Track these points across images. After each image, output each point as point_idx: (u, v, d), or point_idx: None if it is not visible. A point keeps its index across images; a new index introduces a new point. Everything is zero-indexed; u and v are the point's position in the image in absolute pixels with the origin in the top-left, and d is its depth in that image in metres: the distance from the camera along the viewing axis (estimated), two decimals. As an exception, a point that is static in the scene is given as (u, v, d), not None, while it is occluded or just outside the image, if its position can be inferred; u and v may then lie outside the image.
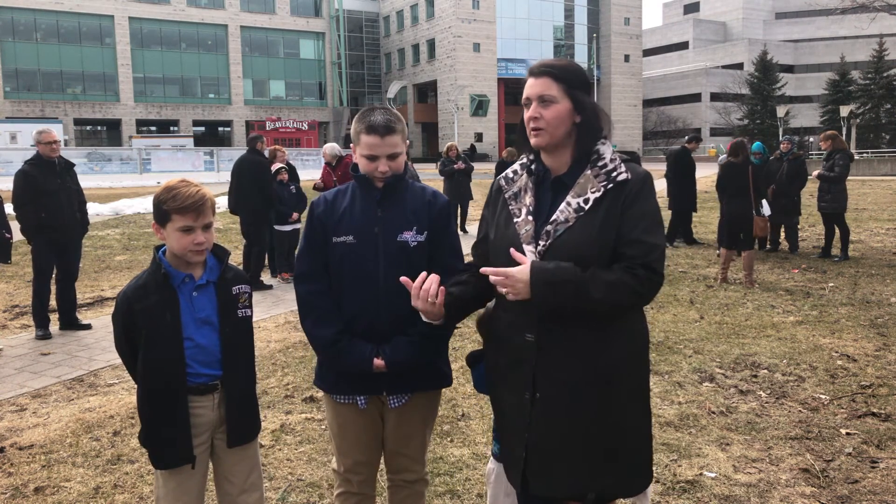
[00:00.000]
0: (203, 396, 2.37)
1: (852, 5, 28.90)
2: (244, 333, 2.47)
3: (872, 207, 17.86)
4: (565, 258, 1.95)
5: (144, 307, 2.31)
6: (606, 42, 68.09)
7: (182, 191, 2.28)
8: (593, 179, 2.01)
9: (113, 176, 35.65)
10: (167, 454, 2.34)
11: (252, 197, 8.82)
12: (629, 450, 2.06)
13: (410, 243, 2.40)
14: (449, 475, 3.62)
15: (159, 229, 2.33)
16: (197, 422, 2.36)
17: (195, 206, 2.27)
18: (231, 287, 2.43)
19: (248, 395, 2.49)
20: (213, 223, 2.36)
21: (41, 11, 54.30)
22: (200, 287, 2.37)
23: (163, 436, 2.33)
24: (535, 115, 2.02)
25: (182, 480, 2.37)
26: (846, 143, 11.34)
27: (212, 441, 2.44)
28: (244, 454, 2.47)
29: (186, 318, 2.33)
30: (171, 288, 2.34)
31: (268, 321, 7.11)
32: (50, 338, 6.45)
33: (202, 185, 2.35)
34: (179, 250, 2.31)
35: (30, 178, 6.29)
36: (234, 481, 2.45)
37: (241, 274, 2.54)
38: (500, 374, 2.15)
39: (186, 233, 2.28)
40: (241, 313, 2.44)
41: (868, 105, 57.84)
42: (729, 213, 8.67)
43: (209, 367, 2.37)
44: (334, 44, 65.45)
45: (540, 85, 2.04)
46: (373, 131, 2.36)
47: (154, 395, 2.33)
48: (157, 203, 2.31)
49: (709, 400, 4.68)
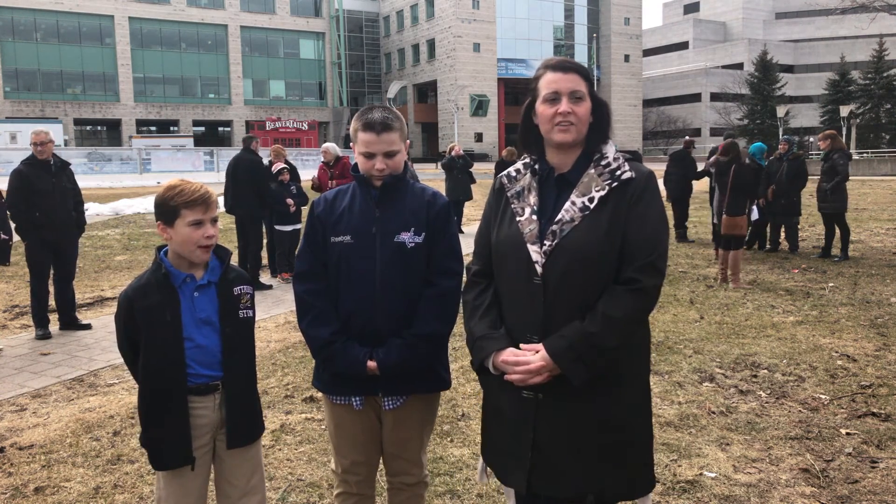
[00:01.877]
0: (204, 397, 2.36)
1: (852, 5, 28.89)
2: (245, 334, 2.46)
3: (872, 207, 17.86)
4: (572, 258, 1.95)
5: (145, 307, 2.31)
6: (606, 42, 68.09)
7: (187, 187, 2.30)
8: (597, 178, 2.01)
9: (113, 176, 35.67)
10: (166, 455, 2.33)
11: (248, 196, 8.85)
12: (632, 451, 2.06)
13: (408, 244, 2.39)
14: (449, 475, 3.62)
15: (165, 228, 2.32)
16: (197, 423, 2.35)
17: (203, 199, 2.28)
18: (233, 288, 2.42)
19: (249, 396, 2.48)
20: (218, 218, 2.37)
21: (41, 11, 54.31)
22: (202, 287, 2.36)
23: (162, 436, 2.32)
24: (569, 109, 2.00)
25: (183, 482, 2.36)
26: (844, 143, 11.35)
27: (213, 443, 2.43)
28: (245, 456, 2.45)
29: (187, 318, 2.33)
30: (172, 288, 2.33)
31: (268, 321, 7.11)
32: (50, 338, 6.45)
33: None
34: (189, 246, 2.30)
35: (24, 177, 6.33)
36: (235, 483, 2.44)
37: (243, 275, 2.53)
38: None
39: (197, 227, 2.28)
40: (242, 314, 2.42)
41: (868, 105, 57.84)
42: (717, 211, 8.77)
43: (210, 367, 2.36)
44: (334, 44, 65.46)
45: (570, 81, 2.02)
46: (370, 128, 2.36)
47: (154, 395, 2.32)
48: (162, 202, 2.30)
49: (709, 400, 4.68)
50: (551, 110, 2.01)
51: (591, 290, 1.96)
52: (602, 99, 2.09)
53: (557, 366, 1.93)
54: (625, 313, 1.92)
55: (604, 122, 2.07)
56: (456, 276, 2.44)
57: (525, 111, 2.12)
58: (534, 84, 2.09)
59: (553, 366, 1.94)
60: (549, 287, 1.98)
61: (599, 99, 2.07)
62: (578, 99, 2.01)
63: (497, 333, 2.06)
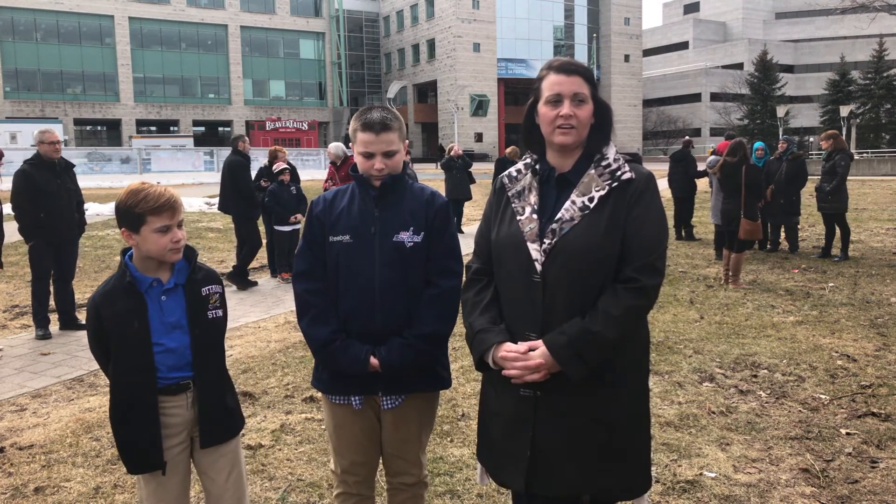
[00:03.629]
0: (175, 396, 2.34)
1: (852, 5, 28.87)
2: (215, 335, 2.43)
3: (872, 207, 17.86)
4: (571, 256, 1.96)
5: (112, 314, 2.28)
6: (606, 42, 68.08)
7: (151, 192, 2.24)
8: (597, 178, 2.02)
9: (113, 176, 35.64)
10: (138, 460, 2.33)
11: (232, 196, 8.91)
12: (630, 450, 2.06)
13: (406, 244, 2.40)
14: (449, 475, 3.62)
15: (131, 235, 2.26)
16: (171, 422, 2.34)
17: (169, 203, 2.24)
18: (201, 288, 2.39)
19: (221, 396, 2.44)
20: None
21: (41, 11, 54.30)
22: (168, 291, 2.33)
23: (133, 441, 2.32)
24: (571, 112, 2.00)
25: (161, 482, 2.36)
26: (846, 143, 11.33)
27: (190, 440, 2.42)
28: (222, 451, 2.45)
29: (155, 323, 2.30)
30: (139, 294, 2.29)
31: (268, 321, 7.11)
32: (50, 338, 6.44)
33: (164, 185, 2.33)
34: (158, 251, 2.26)
35: (29, 178, 6.29)
36: (214, 478, 2.44)
37: (212, 273, 2.49)
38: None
39: (164, 233, 2.24)
40: (211, 314, 2.40)
41: (868, 105, 57.81)
42: (722, 211, 8.72)
43: (180, 370, 2.34)
44: (334, 44, 65.45)
45: (573, 83, 2.02)
46: (368, 128, 2.36)
47: (124, 400, 2.31)
48: (126, 209, 2.24)
49: (709, 400, 4.68)
50: (553, 112, 2.02)
51: (590, 288, 1.97)
52: (605, 102, 2.10)
53: (556, 361, 1.94)
54: (624, 311, 1.93)
55: (605, 124, 2.08)
56: (455, 276, 2.44)
57: (527, 112, 2.13)
58: (537, 85, 2.09)
59: (552, 362, 1.95)
60: (548, 285, 1.99)
61: (602, 101, 2.08)
62: (581, 101, 2.02)
63: (497, 328, 2.07)
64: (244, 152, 9.16)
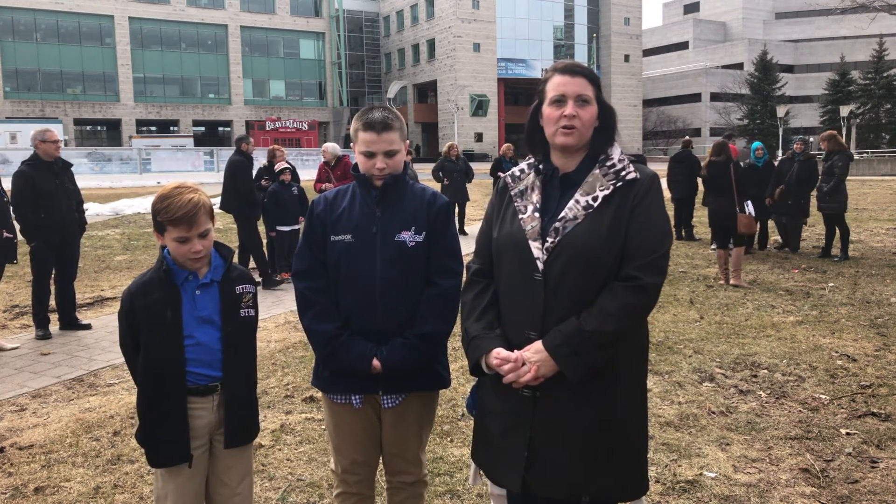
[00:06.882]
0: (202, 398, 2.36)
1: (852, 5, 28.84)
2: (246, 334, 2.45)
3: (872, 207, 17.86)
4: (574, 255, 1.96)
5: (146, 304, 2.31)
6: (606, 42, 68.05)
7: (174, 201, 2.24)
8: (602, 178, 2.02)
9: (113, 176, 35.64)
10: (164, 453, 2.34)
11: (234, 197, 8.92)
12: (628, 451, 2.06)
13: (408, 243, 2.40)
14: (449, 475, 3.62)
15: (159, 236, 2.33)
16: (196, 424, 2.36)
17: (187, 216, 2.23)
18: (235, 286, 2.42)
19: (248, 396, 2.48)
20: (212, 228, 2.33)
21: (41, 11, 54.27)
22: (204, 286, 2.36)
23: (161, 434, 2.33)
24: (574, 113, 2.00)
25: (182, 482, 2.36)
26: (845, 144, 11.32)
27: (210, 443, 2.43)
28: (240, 457, 2.46)
29: (188, 316, 2.33)
30: (174, 285, 2.33)
31: (268, 321, 7.11)
32: (50, 338, 6.44)
33: (199, 190, 2.30)
34: (178, 258, 2.32)
35: (28, 178, 6.28)
36: (227, 483, 2.45)
37: (247, 273, 2.53)
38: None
39: (182, 243, 2.27)
40: (244, 313, 2.43)
41: (868, 105, 57.84)
42: (713, 211, 8.76)
43: (209, 367, 2.35)
44: (334, 44, 65.42)
45: (577, 84, 2.02)
46: (370, 128, 2.37)
47: (153, 392, 2.32)
48: (153, 211, 2.30)
49: (709, 400, 4.68)
50: (557, 112, 2.02)
51: (591, 287, 1.97)
52: (609, 104, 2.10)
53: (553, 360, 1.94)
54: (621, 309, 1.92)
55: (610, 126, 2.08)
56: (456, 276, 2.45)
57: (532, 113, 2.13)
58: (542, 86, 2.10)
59: (550, 363, 1.94)
60: (549, 284, 1.98)
61: (606, 104, 2.08)
62: (584, 102, 2.02)
63: (492, 334, 2.07)
64: (247, 153, 9.17)
